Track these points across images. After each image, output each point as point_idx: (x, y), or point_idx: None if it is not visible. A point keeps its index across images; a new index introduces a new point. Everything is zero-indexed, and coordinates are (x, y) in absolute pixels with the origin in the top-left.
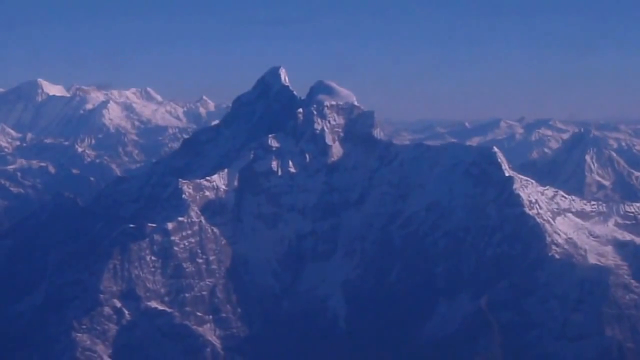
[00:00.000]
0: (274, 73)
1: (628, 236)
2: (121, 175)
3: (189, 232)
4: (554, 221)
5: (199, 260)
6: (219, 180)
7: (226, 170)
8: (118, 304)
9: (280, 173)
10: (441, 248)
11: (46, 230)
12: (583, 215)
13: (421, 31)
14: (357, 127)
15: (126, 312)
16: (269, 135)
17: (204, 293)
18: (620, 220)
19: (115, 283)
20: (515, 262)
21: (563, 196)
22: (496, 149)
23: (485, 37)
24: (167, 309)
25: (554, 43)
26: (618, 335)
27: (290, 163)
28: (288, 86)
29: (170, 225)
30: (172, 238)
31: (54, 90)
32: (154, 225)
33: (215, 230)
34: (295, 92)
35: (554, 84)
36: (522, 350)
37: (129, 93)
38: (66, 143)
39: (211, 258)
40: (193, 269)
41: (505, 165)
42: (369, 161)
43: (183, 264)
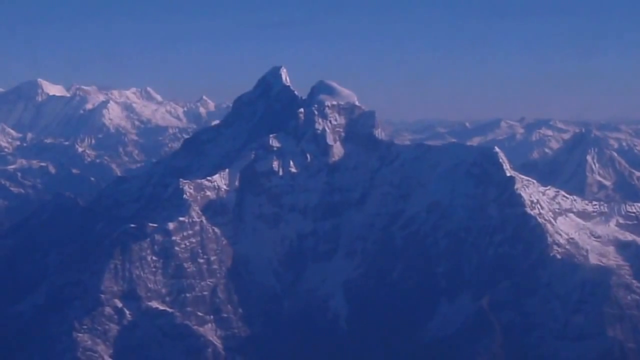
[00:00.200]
0: (275, 73)
1: (630, 236)
2: (121, 175)
3: (190, 232)
4: (556, 221)
5: (200, 260)
6: (220, 180)
7: (227, 170)
8: (119, 304)
9: (281, 173)
10: (442, 248)
11: (47, 230)
12: (585, 215)
13: (422, 31)
14: (358, 127)
15: (127, 312)
16: (270, 135)
17: (205, 293)
18: (621, 220)
19: (116, 283)
20: (516, 263)
21: (564, 196)
22: (497, 149)
23: (485, 38)
24: (168, 309)
25: (555, 43)
26: (619, 335)
27: (291, 163)
28: (289, 86)
29: (171, 225)
30: (173, 238)
31: (54, 90)
32: (155, 225)
33: (216, 230)
34: (296, 92)
35: (555, 84)
36: (524, 350)
37: (129, 93)
38: (66, 143)
39: (212, 258)
40: (194, 269)
41: (506, 165)
42: (370, 161)
43: (184, 264)
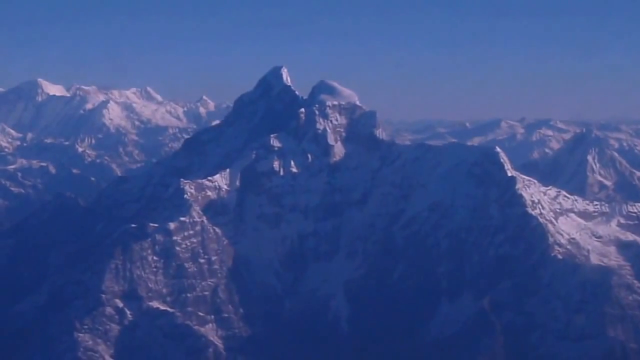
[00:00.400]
0: (276, 73)
1: (631, 236)
2: (122, 175)
3: (191, 232)
4: (557, 221)
5: (201, 260)
6: (221, 180)
7: (228, 170)
8: (120, 304)
9: (282, 173)
10: (443, 248)
11: (47, 230)
12: (586, 215)
13: (422, 31)
14: (359, 127)
15: (128, 312)
16: (271, 135)
17: (206, 293)
18: (623, 220)
19: (117, 283)
20: (517, 263)
21: (566, 196)
22: (498, 149)
23: (485, 38)
24: (169, 309)
25: (555, 43)
26: (621, 335)
27: (292, 163)
28: (290, 86)
29: (172, 225)
30: (174, 238)
31: (54, 90)
32: (156, 225)
33: (217, 230)
34: (297, 92)
35: (555, 84)
36: (525, 350)
37: (129, 93)
38: (66, 143)
39: (213, 258)
40: (195, 269)
41: (507, 165)
42: (371, 161)
43: (185, 264)
